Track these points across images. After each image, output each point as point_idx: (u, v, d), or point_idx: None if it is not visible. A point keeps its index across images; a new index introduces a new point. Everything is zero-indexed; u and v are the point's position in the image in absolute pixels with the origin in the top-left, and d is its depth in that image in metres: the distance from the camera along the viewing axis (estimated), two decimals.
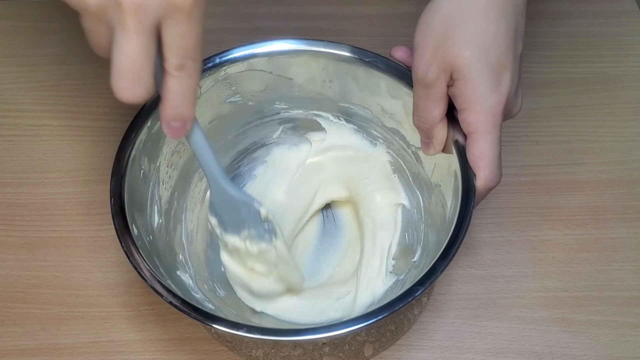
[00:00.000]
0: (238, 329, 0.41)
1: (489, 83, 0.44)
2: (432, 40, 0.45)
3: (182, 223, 0.55)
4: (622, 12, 0.75)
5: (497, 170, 0.46)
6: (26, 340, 0.54)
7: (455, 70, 0.44)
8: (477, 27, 0.44)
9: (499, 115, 0.45)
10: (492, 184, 0.47)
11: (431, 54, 0.45)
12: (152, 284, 0.43)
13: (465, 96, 0.45)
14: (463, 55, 0.43)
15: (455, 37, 0.44)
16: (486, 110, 0.45)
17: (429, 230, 0.53)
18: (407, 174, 0.56)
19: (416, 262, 0.52)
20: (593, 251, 0.59)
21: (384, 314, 0.42)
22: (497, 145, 0.46)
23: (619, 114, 0.67)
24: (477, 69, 0.44)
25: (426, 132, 0.48)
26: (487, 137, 0.45)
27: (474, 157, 0.46)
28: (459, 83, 0.44)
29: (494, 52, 0.44)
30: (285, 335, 0.43)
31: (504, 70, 0.44)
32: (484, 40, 0.44)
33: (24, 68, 0.70)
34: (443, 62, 0.44)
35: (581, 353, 0.54)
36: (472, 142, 0.46)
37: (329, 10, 0.75)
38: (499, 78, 0.44)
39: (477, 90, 0.44)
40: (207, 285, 0.53)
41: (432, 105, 0.46)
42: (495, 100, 0.44)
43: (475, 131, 0.45)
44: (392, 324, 0.54)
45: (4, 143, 0.65)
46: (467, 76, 0.44)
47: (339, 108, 0.57)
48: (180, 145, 0.53)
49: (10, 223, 0.60)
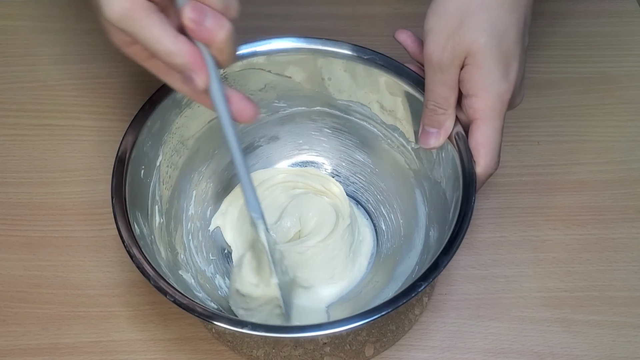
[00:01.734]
0: (243, 327, 0.41)
1: (499, 71, 0.45)
2: (447, 25, 0.45)
3: (183, 223, 0.55)
4: (623, 12, 0.75)
5: (497, 157, 0.47)
6: (27, 340, 0.54)
7: (469, 55, 0.45)
8: (492, 15, 0.45)
9: (506, 104, 0.46)
10: (492, 170, 0.48)
11: (446, 38, 0.45)
12: (156, 284, 0.43)
13: (475, 82, 0.45)
14: (479, 41, 0.44)
15: (470, 24, 0.44)
16: (494, 98, 0.46)
17: (430, 226, 0.53)
18: (409, 171, 0.56)
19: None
20: (594, 251, 0.59)
21: (387, 310, 0.42)
22: (499, 133, 0.47)
23: (620, 114, 0.67)
24: (490, 57, 0.45)
25: (438, 120, 0.48)
26: (491, 124, 0.46)
27: (476, 143, 0.47)
28: (470, 68, 0.45)
29: (506, 42, 0.45)
30: (289, 333, 0.43)
31: (513, 60, 0.46)
32: (498, 29, 0.45)
33: (24, 68, 0.70)
34: (458, 47, 0.45)
35: (582, 353, 0.54)
36: (477, 128, 0.47)
37: (330, 10, 0.75)
38: (508, 67, 0.45)
39: (487, 77, 0.45)
40: (209, 284, 0.53)
41: (448, 91, 0.47)
42: (504, 88, 0.46)
43: (480, 118, 0.46)
44: (392, 323, 0.54)
45: (5, 143, 0.65)
46: (480, 62, 0.45)
47: (337, 106, 0.57)
48: (180, 145, 0.53)
49: (12, 223, 0.60)
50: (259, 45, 0.53)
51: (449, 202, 0.49)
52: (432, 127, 0.49)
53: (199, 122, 0.54)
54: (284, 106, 0.57)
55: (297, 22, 0.74)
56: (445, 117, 0.48)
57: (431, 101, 0.48)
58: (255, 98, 0.56)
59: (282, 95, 0.56)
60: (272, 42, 0.53)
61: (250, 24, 0.73)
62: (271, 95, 0.56)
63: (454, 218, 0.46)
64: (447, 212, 0.49)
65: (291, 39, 0.53)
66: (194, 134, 0.54)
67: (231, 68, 0.52)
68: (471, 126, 0.47)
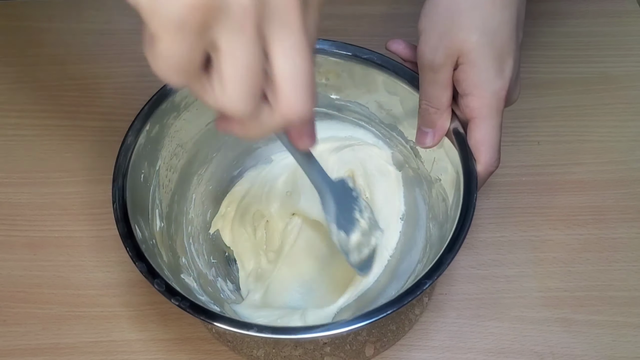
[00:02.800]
0: (248, 329, 0.41)
1: (493, 69, 0.45)
2: (438, 25, 0.45)
3: (183, 226, 0.55)
4: (623, 12, 0.75)
5: (497, 155, 0.47)
6: (28, 340, 0.54)
7: (462, 54, 0.45)
8: (483, 13, 0.45)
9: (502, 101, 0.46)
10: (493, 168, 0.48)
11: (437, 39, 0.45)
12: (160, 289, 0.43)
13: (470, 81, 0.45)
14: (470, 40, 0.44)
15: (462, 22, 0.44)
16: (490, 95, 0.46)
17: (431, 224, 0.53)
18: (408, 170, 0.56)
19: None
20: (594, 251, 0.59)
21: (392, 309, 0.42)
22: (498, 131, 0.47)
23: (620, 114, 0.67)
24: (483, 54, 0.45)
25: (431, 119, 0.48)
26: (489, 122, 0.46)
27: (476, 142, 0.47)
28: (465, 67, 0.45)
29: (499, 38, 0.45)
30: (292, 334, 0.43)
31: (508, 56, 0.46)
32: (490, 26, 0.45)
33: (24, 68, 0.70)
34: (450, 46, 0.45)
35: (582, 353, 0.54)
36: (475, 127, 0.47)
37: (330, 10, 0.75)
38: (502, 64, 0.45)
39: (482, 75, 0.45)
40: (211, 287, 0.53)
41: (440, 91, 0.47)
42: (499, 86, 0.45)
43: (478, 116, 0.46)
44: (393, 323, 0.54)
45: (5, 143, 0.65)
46: (473, 61, 0.45)
47: (335, 105, 0.57)
48: (179, 149, 0.53)
49: (12, 223, 0.60)
50: None
51: (449, 200, 0.49)
52: (427, 127, 0.49)
53: (198, 125, 0.54)
54: None
55: None
56: (438, 117, 0.48)
57: (424, 101, 0.48)
58: None
59: None
60: None
61: None
62: None
63: (455, 216, 0.46)
64: (448, 211, 0.49)
65: None
66: (192, 137, 0.54)
67: None
68: (469, 125, 0.47)
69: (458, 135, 0.48)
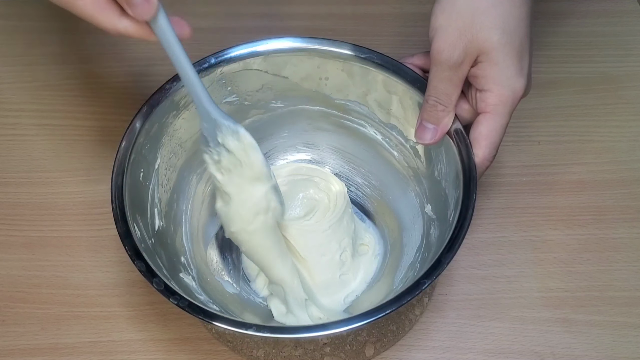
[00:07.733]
0: (247, 329, 0.41)
1: (514, 67, 0.46)
2: (457, 23, 0.45)
3: (183, 225, 0.55)
4: (624, 12, 0.75)
5: (495, 152, 0.48)
6: (27, 340, 0.54)
7: (482, 53, 0.45)
8: (503, 11, 0.45)
9: (517, 100, 0.47)
10: (487, 163, 0.48)
11: (457, 37, 0.45)
12: (159, 287, 0.43)
13: (490, 77, 0.46)
14: (492, 39, 0.45)
15: (483, 21, 0.45)
16: (508, 94, 0.46)
17: (431, 224, 0.53)
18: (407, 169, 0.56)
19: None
20: (595, 251, 0.58)
21: (391, 308, 0.42)
22: (503, 130, 0.47)
23: (621, 114, 0.67)
24: (504, 53, 0.45)
25: (437, 116, 0.48)
26: (499, 120, 0.47)
27: (479, 135, 0.47)
28: (484, 65, 0.46)
29: (518, 36, 0.45)
30: (290, 333, 0.43)
31: (526, 53, 0.46)
32: (510, 25, 0.45)
33: (24, 68, 0.70)
34: (470, 45, 0.45)
35: (583, 353, 0.54)
36: (484, 120, 0.47)
37: (330, 10, 0.75)
38: (522, 62, 0.46)
39: (503, 74, 0.46)
40: (209, 286, 0.53)
41: (452, 88, 0.47)
42: (520, 85, 0.46)
43: (491, 112, 0.47)
44: (393, 324, 0.54)
45: (4, 142, 0.65)
46: (495, 59, 0.45)
47: (335, 105, 0.57)
48: (178, 147, 0.53)
49: (11, 223, 0.60)
50: (255, 46, 0.53)
51: (449, 200, 0.49)
52: (430, 123, 0.49)
53: (197, 124, 0.53)
54: (281, 106, 0.57)
55: (297, 22, 0.74)
56: (445, 114, 0.48)
57: (433, 97, 0.48)
58: (253, 98, 0.56)
59: (279, 96, 0.56)
60: (268, 43, 0.53)
61: (251, 24, 0.73)
62: (268, 96, 0.56)
63: (455, 215, 0.46)
64: (448, 210, 0.49)
65: (288, 39, 0.53)
66: (191, 136, 0.54)
67: (228, 69, 0.52)
68: (478, 118, 0.47)
69: (459, 135, 0.48)
